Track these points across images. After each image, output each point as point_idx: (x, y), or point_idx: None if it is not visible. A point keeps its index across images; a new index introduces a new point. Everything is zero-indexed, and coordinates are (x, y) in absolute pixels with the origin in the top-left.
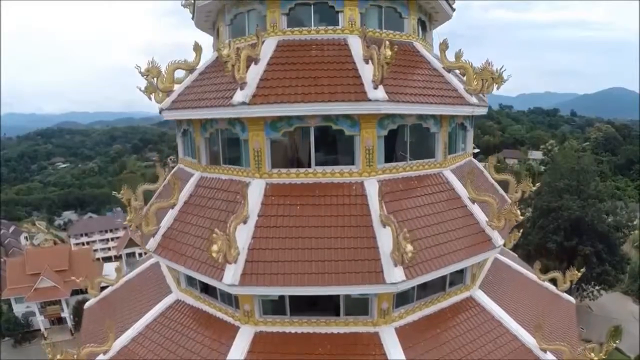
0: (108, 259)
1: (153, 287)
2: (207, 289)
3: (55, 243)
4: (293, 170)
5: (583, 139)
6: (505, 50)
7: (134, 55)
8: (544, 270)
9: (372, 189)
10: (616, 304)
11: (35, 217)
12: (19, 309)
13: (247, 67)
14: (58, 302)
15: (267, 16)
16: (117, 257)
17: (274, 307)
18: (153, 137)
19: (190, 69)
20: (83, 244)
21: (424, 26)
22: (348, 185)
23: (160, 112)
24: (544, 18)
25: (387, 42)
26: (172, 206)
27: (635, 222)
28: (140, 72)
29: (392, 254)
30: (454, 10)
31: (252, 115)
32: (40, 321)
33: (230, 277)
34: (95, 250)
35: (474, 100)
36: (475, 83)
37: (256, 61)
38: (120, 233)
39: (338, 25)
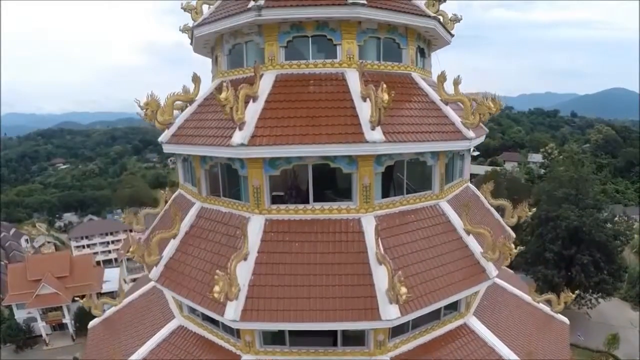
0: (108, 262)
1: (156, 310)
2: (209, 317)
3: (55, 246)
4: (292, 206)
5: (583, 141)
6: (506, 50)
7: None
8: (542, 280)
9: (369, 226)
10: (614, 311)
11: (36, 219)
12: (20, 315)
13: (246, 103)
14: (59, 308)
15: (265, 49)
16: (118, 260)
17: (274, 338)
18: (154, 137)
19: (189, 100)
20: (84, 247)
21: (423, 53)
22: (345, 222)
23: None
24: (545, 18)
25: (384, 86)
26: (174, 236)
27: (635, 226)
28: (139, 106)
29: (387, 292)
30: (452, 36)
31: (251, 156)
32: (41, 327)
33: (232, 313)
34: (96, 253)
35: (471, 134)
36: (472, 117)
37: (254, 99)
38: (121, 236)
39: (336, 58)
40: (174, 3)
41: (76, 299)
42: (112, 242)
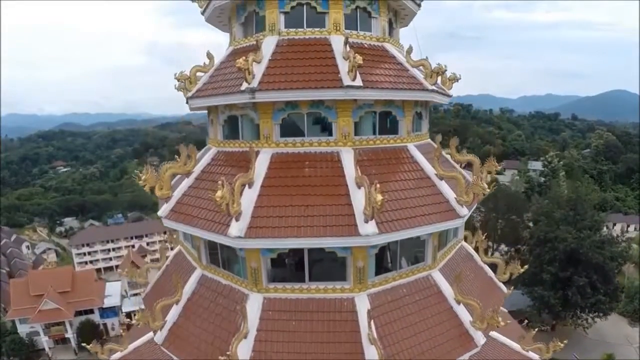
0: (110, 269)
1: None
2: None
3: (56, 253)
4: (288, 285)
5: (584, 146)
6: (507, 51)
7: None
8: (539, 301)
9: (362, 306)
10: (611, 327)
11: (37, 224)
12: (23, 329)
13: (241, 192)
14: (62, 323)
15: (260, 125)
16: (119, 267)
17: None
18: (154, 140)
19: (186, 173)
20: (85, 254)
21: (420, 116)
22: (340, 301)
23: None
24: (546, 19)
25: (378, 186)
26: (176, 302)
27: (634, 246)
28: (139, 181)
29: None
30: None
31: (247, 247)
32: (44, 341)
33: None
34: (97, 261)
35: (464, 211)
36: (466, 196)
37: (250, 185)
38: (122, 243)
39: (332, 135)
40: (174, 4)
41: (85, 346)
42: (113, 249)
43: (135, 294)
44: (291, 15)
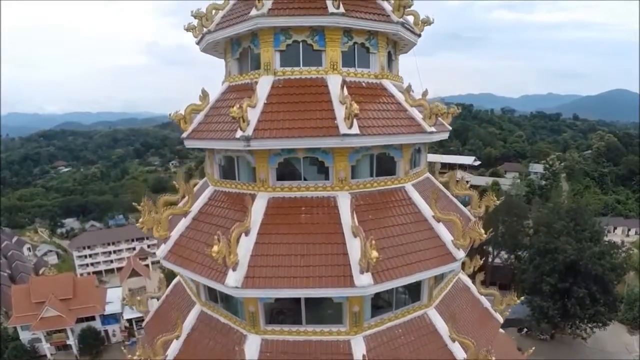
0: (111, 271)
1: None
2: None
3: (58, 255)
4: (286, 327)
5: (585, 147)
6: (508, 51)
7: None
8: (538, 312)
9: (357, 348)
10: (611, 335)
11: (38, 225)
12: (25, 336)
13: (238, 239)
14: (63, 330)
15: (257, 169)
16: (120, 269)
17: None
18: (155, 140)
19: (183, 213)
20: (86, 256)
21: (416, 156)
22: (336, 344)
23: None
24: (547, 19)
25: (373, 242)
26: (177, 338)
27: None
28: (140, 227)
29: None
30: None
31: (245, 296)
32: (46, 348)
33: None
34: (98, 263)
35: (461, 254)
36: (462, 240)
37: (247, 233)
38: (123, 245)
39: (328, 179)
40: (173, 4)
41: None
42: (114, 252)
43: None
44: (287, 53)
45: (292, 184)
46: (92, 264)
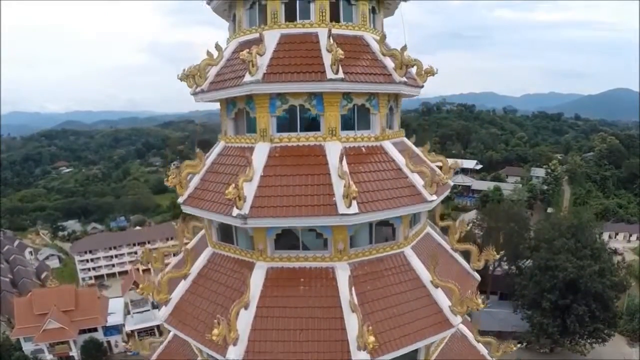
0: (112, 275)
1: None
2: None
3: (59, 259)
4: None
5: (587, 148)
6: (510, 50)
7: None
8: (538, 328)
9: None
10: (610, 347)
11: (40, 227)
12: (27, 347)
13: (237, 315)
14: (66, 341)
15: (255, 239)
16: (122, 273)
17: None
18: (157, 140)
19: (182, 276)
20: (87, 261)
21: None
22: None
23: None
24: (549, 18)
25: (370, 327)
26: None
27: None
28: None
29: None
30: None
31: None
32: (49, 359)
33: None
34: (100, 267)
35: None
36: (460, 307)
37: (246, 306)
38: (125, 249)
39: (327, 250)
40: (174, 4)
41: None
42: (116, 256)
43: (138, 312)
44: (283, 118)
45: (290, 254)
46: (93, 268)
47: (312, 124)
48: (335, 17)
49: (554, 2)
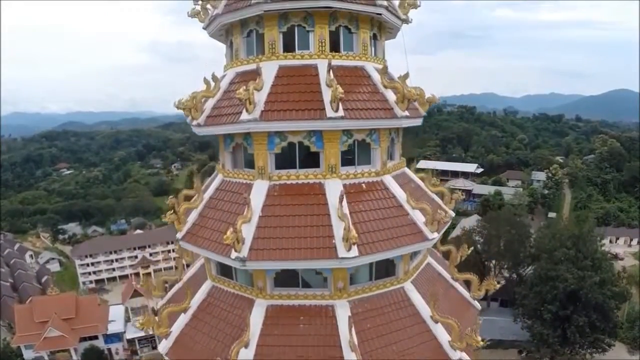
0: (113, 279)
1: None
2: None
3: (60, 262)
4: None
5: (588, 150)
6: (511, 50)
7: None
8: (538, 339)
9: None
10: (611, 355)
11: (40, 230)
12: (28, 355)
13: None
14: (67, 349)
15: (254, 277)
16: (122, 277)
17: None
18: (157, 142)
19: (182, 310)
20: (88, 265)
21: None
22: None
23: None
24: (550, 18)
25: None
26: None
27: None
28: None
29: None
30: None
31: None
32: None
33: None
34: (100, 271)
35: None
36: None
37: (246, 345)
38: (125, 254)
39: (327, 288)
40: (175, 3)
41: None
42: (116, 260)
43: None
44: (282, 155)
45: (290, 292)
46: (94, 272)
47: (311, 159)
48: (335, 46)
49: (556, 1)
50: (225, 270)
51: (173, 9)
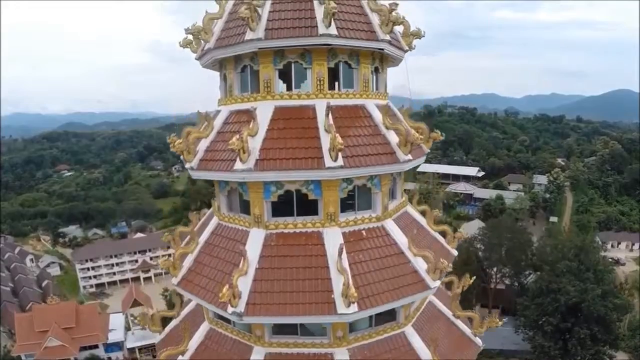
0: (113, 284)
1: None
2: None
3: (60, 266)
4: None
5: (589, 152)
6: (511, 50)
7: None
8: (539, 351)
9: None
10: None
11: (41, 233)
12: None
13: None
14: (67, 359)
15: (252, 326)
16: (123, 281)
17: None
18: (158, 144)
19: (181, 353)
20: (88, 269)
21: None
22: None
23: None
24: (550, 18)
25: None
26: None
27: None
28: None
29: None
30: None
31: None
32: None
33: None
34: (100, 275)
35: None
36: None
37: None
38: (125, 258)
39: (326, 337)
40: (175, 3)
41: None
42: (117, 264)
43: (139, 329)
44: (279, 202)
45: (288, 340)
46: (94, 277)
47: (309, 206)
48: (333, 83)
49: (556, 2)
50: (222, 315)
51: (174, 9)
